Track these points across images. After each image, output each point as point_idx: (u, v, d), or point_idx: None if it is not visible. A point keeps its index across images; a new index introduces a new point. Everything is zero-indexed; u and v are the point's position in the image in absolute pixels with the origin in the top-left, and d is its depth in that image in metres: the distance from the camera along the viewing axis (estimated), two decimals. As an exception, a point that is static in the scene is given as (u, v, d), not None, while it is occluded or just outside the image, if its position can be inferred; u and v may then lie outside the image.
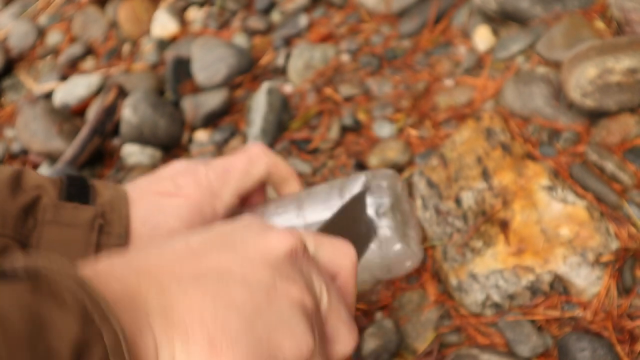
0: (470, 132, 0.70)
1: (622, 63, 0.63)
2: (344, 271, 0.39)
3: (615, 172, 0.62)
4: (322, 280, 0.36)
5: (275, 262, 0.33)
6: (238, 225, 0.36)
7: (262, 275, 0.32)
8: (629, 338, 0.53)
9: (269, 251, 0.34)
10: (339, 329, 0.36)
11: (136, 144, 0.89)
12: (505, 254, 0.59)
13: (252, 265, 0.32)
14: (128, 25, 1.19)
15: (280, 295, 0.32)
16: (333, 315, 0.36)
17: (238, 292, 0.31)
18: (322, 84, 0.90)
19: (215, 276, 0.31)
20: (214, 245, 0.33)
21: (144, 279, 0.30)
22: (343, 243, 0.39)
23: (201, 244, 0.33)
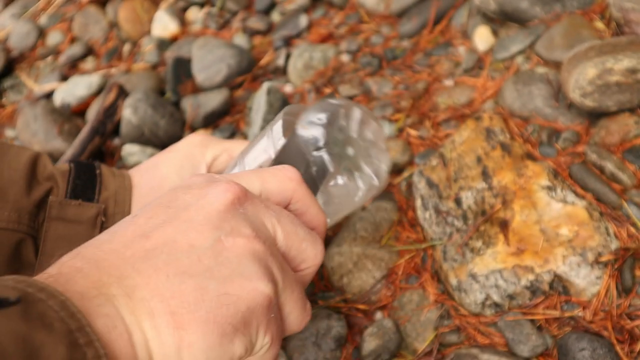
0: (469, 132, 0.70)
1: (621, 63, 0.63)
2: (293, 192, 0.41)
3: (615, 172, 0.62)
4: (273, 214, 0.38)
5: (217, 219, 0.35)
6: (180, 191, 0.38)
7: (206, 237, 0.34)
8: (628, 338, 0.53)
9: (210, 209, 0.35)
10: (302, 249, 0.39)
11: (136, 144, 0.89)
12: (505, 253, 0.59)
13: (196, 230, 0.34)
14: (128, 25, 1.19)
15: (228, 249, 0.34)
16: (292, 240, 0.38)
17: (186, 260, 0.33)
18: (322, 84, 0.91)
19: (163, 250, 0.33)
20: (159, 218, 0.35)
21: (104, 271, 0.32)
22: (283, 168, 0.41)
23: (147, 221, 0.35)
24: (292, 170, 0.41)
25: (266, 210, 0.38)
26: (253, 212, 0.37)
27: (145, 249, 0.33)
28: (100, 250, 0.33)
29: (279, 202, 0.41)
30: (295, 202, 0.41)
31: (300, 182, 0.41)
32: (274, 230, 0.38)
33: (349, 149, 0.54)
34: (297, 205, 0.41)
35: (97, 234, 0.52)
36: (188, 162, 0.58)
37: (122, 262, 0.32)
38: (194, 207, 0.35)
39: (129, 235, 0.34)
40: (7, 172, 0.52)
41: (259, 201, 0.38)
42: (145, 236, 0.34)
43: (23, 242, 0.51)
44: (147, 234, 0.34)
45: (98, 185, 0.55)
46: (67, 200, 0.53)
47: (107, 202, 0.54)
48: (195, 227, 0.34)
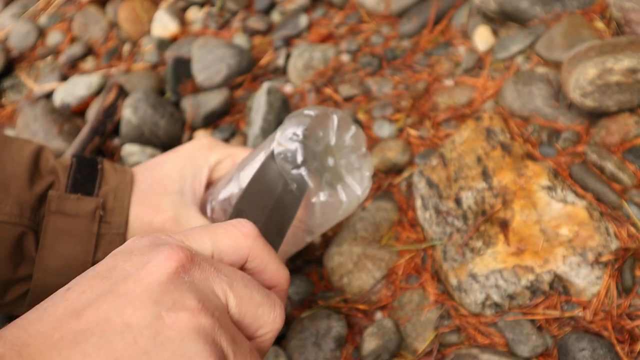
0: (470, 132, 0.70)
1: (621, 63, 0.63)
2: (249, 250, 0.38)
3: (615, 172, 0.62)
4: (224, 279, 0.35)
5: (158, 291, 0.31)
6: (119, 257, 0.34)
7: (143, 313, 0.31)
8: (628, 338, 0.53)
9: (150, 280, 0.32)
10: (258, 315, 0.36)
11: (136, 144, 0.89)
12: (505, 253, 0.59)
13: (133, 305, 0.31)
14: (128, 25, 1.19)
15: (169, 327, 0.31)
16: (246, 306, 0.35)
17: (120, 343, 0.30)
18: (322, 84, 0.91)
19: (94, 332, 0.30)
20: (93, 292, 0.32)
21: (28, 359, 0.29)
22: (238, 224, 0.38)
23: (79, 296, 0.32)
24: (247, 226, 0.38)
25: (216, 275, 0.35)
26: (201, 279, 0.34)
27: (75, 330, 0.30)
28: (26, 333, 0.30)
29: (234, 261, 0.38)
30: (252, 260, 0.38)
31: (256, 237, 0.38)
32: (225, 298, 0.35)
33: (329, 159, 0.53)
34: (255, 264, 0.39)
35: (96, 227, 0.53)
36: (191, 162, 0.59)
37: (49, 348, 0.29)
38: (133, 278, 0.32)
39: (58, 314, 0.31)
40: (9, 165, 0.52)
41: (207, 265, 0.35)
42: (76, 314, 0.31)
43: (24, 235, 0.51)
44: (79, 311, 0.31)
45: (98, 180, 0.55)
46: (66, 194, 0.53)
47: (107, 197, 0.54)
48: (132, 303, 0.31)
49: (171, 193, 0.56)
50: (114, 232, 0.54)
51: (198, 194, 0.58)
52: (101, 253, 0.54)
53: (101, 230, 0.54)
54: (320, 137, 0.52)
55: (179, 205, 0.55)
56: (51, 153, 0.56)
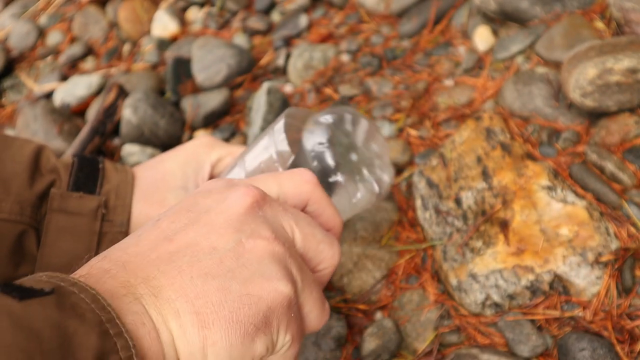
0: (470, 132, 0.70)
1: (621, 63, 0.63)
2: (309, 195, 0.42)
3: (615, 172, 0.62)
4: (291, 216, 0.39)
5: (237, 222, 0.36)
6: (199, 195, 0.39)
7: (227, 239, 0.35)
8: (628, 338, 0.53)
9: (230, 212, 0.36)
10: (319, 250, 0.40)
11: (136, 144, 0.89)
12: (505, 253, 0.59)
13: (217, 232, 0.35)
14: (128, 25, 1.19)
15: (249, 250, 0.35)
16: (309, 241, 0.39)
17: (208, 262, 0.34)
18: (322, 84, 0.91)
19: (186, 253, 0.34)
20: (181, 222, 0.36)
21: (131, 272, 0.33)
22: (299, 172, 0.42)
23: (169, 225, 0.36)
24: (308, 174, 0.42)
25: (284, 213, 0.39)
26: (272, 215, 0.38)
27: (169, 251, 0.34)
28: (126, 253, 0.34)
29: (296, 204, 0.42)
30: (312, 204, 0.42)
31: (316, 184, 0.42)
32: (292, 233, 0.39)
33: (352, 154, 0.54)
34: (314, 207, 0.42)
35: (98, 226, 0.53)
36: (193, 159, 0.59)
37: (148, 264, 0.33)
38: (215, 211, 0.36)
39: (152, 238, 0.35)
40: (10, 164, 0.52)
41: (277, 204, 0.39)
42: (168, 239, 0.35)
43: (25, 233, 0.52)
44: (170, 237, 0.35)
45: (100, 179, 0.55)
46: (68, 193, 0.53)
47: (109, 195, 0.55)
48: (216, 230, 0.35)
49: (175, 188, 0.56)
50: (116, 230, 0.55)
51: None
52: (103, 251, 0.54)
53: (103, 229, 0.54)
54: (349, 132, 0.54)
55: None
56: (52, 152, 0.56)
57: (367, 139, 0.56)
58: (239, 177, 0.55)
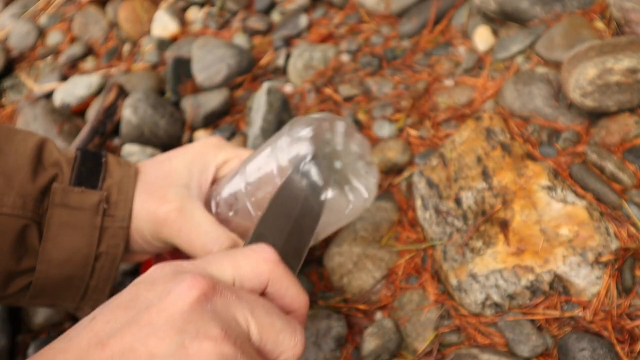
0: (470, 132, 0.70)
1: (621, 63, 0.63)
2: (269, 275, 0.38)
3: (615, 172, 0.62)
4: (245, 305, 0.35)
5: (181, 320, 0.32)
6: (142, 287, 0.35)
7: (167, 343, 0.31)
8: (628, 338, 0.53)
9: (173, 310, 0.32)
10: (279, 341, 0.36)
11: (136, 144, 0.89)
12: (505, 253, 0.59)
13: (156, 335, 0.31)
14: (128, 25, 1.19)
15: (193, 356, 0.31)
16: (267, 333, 0.36)
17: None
18: (322, 84, 0.91)
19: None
20: (117, 322, 0.32)
21: None
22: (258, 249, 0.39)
23: (104, 326, 0.32)
24: (267, 251, 0.39)
25: (238, 302, 0.35)
26: (223, 307, 0.34)
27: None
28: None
29: (254, 286, 0.38)
30: (272, 285, 0.39)
31: (277, 262, 0.39)
32: (247, 325, 0.35)
33: (336, 162, 0.54)
34: (275, 288, 0.39)
35: (99, 221, 0.53)
36: (199, 158, 0.59)
37: None
38: (156, 308, 0.32)
39: (84, 344, 0.32)
40: (13, 157, 0.52)
41: (229, 293, 0.35)
42: (101, 345, 0.31)
43: (27, 227, 0.52)
44: (103, 341, 0.31)
45: (102, 173, 0.55)
46: (70, 187, 0.53)
47: (111, 190, 0.55)
48: (155, 333, 0.31)
49: (177, 186, 0.56)
50: (118, 225, 0.55)
51: (204, 189, 0.59)
52: (104, 246, 0.54)
53: (105, 224, 0.54)
54: (329, 139, 0.53)
55: (185, 198, 0.56)
56: (55, 146, 0.56)
57: (346, 141, 0.55)
58: (239, 187, 0.55)
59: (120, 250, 0.55)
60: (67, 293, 0.55)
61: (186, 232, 0.53)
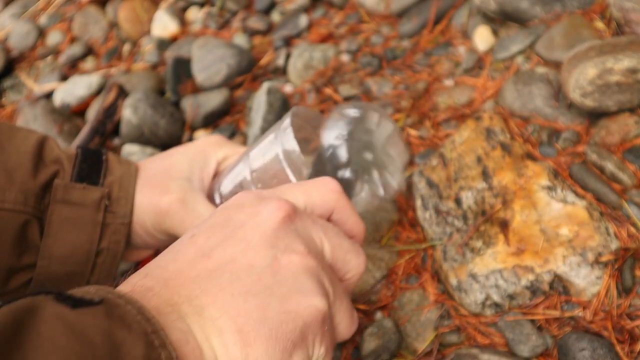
0: (470, 132, 0.70)
1: (621, 63, 0.63)
2: (335, 203, 0.43)
3: (615, 172, 0.62)
4: (320, 228, 0.40)
5: (272, 237, 0.37)
6: (232, 209, 0.39)
7: (263, 256, 0.36)
8: (628, 338, 0.53)
9: (264, 228, 0.37)
10: (347, 260, 0.41)
11: (136, 144, 0.89)
12: (505, 253, 0.59)
13: (254, 250, 0.36)
14: (128, 25, 1.19)
15: (284, 267, 0.36)
16: (337, 252, 0.40)
17: (247, 280, 0.35)
18: (322, 84, 0.91)
19: (225, 270, 0.35)
20: (216, 237, 0.37)
21: (174, 290, 0.34)
22: (325, 181, 0.43)
23: (206, 241, 0.37)
24: (333, 183, 0.43)
25: (313, 225, 0.40)
26: (302, 228, 0.39)
27: (208, 269, 0.35)
28: (167, 270, 0.36)
29: (322, 213, 0.42)
30: (337, 212, 0.43)
31: (341, 193, 0.43)
32: (321, 244, 0.39)
33: (368, 153, 0.55)
34: (339, 216, 0.43)
35: (101, 217, 0.54)
36: (201, 155, 0.60)
37: (189, 282, 0.34)
38: (249, 225, 0.37)
39: (191, 255, 0.36)
40: (15, 154, 0.53)
41: (306, 216, 0.40)
42: (206, 256, 0.36)
43: (29, 223, 0.52)
44: (208, 253, 0.36)
45: (103, 170, 0.56)
46: (72, 184, 0.54)
47: (112, 186, 0.55)
48: (252, 247, 0.36)
49: (179, 179, 0.57)
50: (119, 221, 0.55)
51: (206, 183, 0.59)
52: (105, 242, 0.55)
53: (106, 220, 0.54)
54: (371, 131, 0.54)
55: (186, 189, 0.56)
56: (55, 142, 0.57)
57: (387, 142, 0.57)
58: (243, 174, 0.56)
59: (121, 246, 0.55)
60: (68, 289, 0.56)
61: (189, 222, 0.54)
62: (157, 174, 0.57)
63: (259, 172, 0.54)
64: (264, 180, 0.54)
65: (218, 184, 0.59)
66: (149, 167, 0.59)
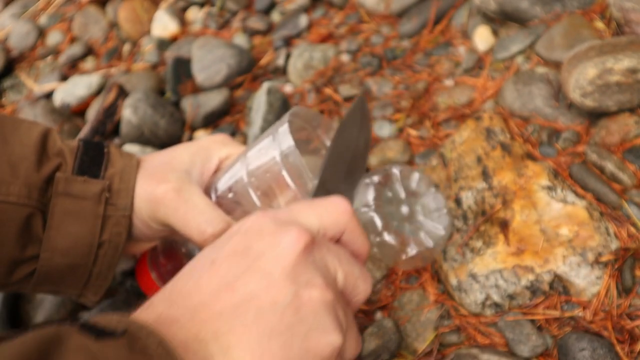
0: (470, 132, 0.70)
1: (621, 63, 0.63)
2: (346, 225, 0.43)
3: (615, 172, 0.62)
4: (334, 255, 0.40)
5: (293, 272, 0.37)
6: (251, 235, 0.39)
7: (286, 293, 0.36)
8: (628, 338, 0.53)
9: (285, 262, 0.37)
10: (357, 285, 0.42)
11: (136, 144, 0.89)
12: (505, 253, 0.59)
13: (276, 286, 0.36)
14: (128, 25, 1.19)
15: (305, 304, 0.36)
16: (349, 279, 0.41)
17: (271, 318, 0.35)
18: (322, 84, 0.91)
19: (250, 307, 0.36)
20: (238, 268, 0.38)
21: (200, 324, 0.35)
22: (336, 202, 0.43)
23: (228, 271, 0.38)
24: (343, 204, 0.43)
25: (328, 253, 0.40)
26: (319, 257, 0.39)
27: (232, 303, 0.36)
28: (191, 300, 0.36)
29: (334, 235, 0.43)
30: (348, 233, 0.44)
31: (352, 214, 0.44)
32: (335, 272, 0.40)
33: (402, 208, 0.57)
34: (349, 237, 0.44)
35: (102, 209, 0.54)
36: (204, 150, 0.60)
37: (215, 317, 0.35)
38: (270, 257, 0.38)
39: (214, 286, 0.37)
40: (18, 147, 0.53)
41: (322, 245, 0.40)
42: (230, 289, 0.37)
43: (32, 216, 0.53)
44: (232, 285, 0.37)
45: (105, 162, 0.56)
46: (73, 177, 0.54)
47: (113, 179, 0.55)
48: (275, 283, 0.37)
49: (179, 171, 0.57)
50: (120, 213, 0.55)
51: (205, 177, 0.59)
52: (107, 234, 0.55)
53: (107, 212, 0.55)
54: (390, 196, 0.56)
55: (184, 180, 0.56)
56: (58, 135, 0.57)
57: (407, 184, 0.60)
58: (239, 174, 0.56)
59: (122, 238, 0.56)
60: (70, 280, 0.56)
61: (182, 212, 0.54)
62: (158, 166, 0.58)
63: (256, 173, 0.54)
64: (261, 181, 0.54)
65: (216, 180, 0.59)
66: (150, 160, 0.59)
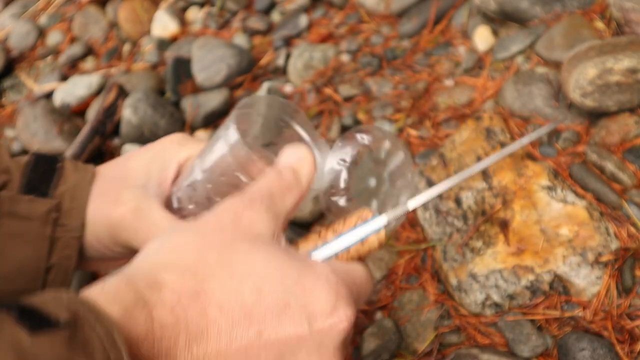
0: (469, 132, 0.70)
1: (621, 63, 0.63)
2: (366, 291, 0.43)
3: (615, 172, 0.62)
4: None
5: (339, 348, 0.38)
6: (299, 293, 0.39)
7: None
8: (628, 338, 0.53)
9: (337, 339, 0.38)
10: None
11: (136, 144, 0.89)
12: (505, 253, 0.59)
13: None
14: (128, 25, 1.19)
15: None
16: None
17: None
18: (322, 84, 0.91)
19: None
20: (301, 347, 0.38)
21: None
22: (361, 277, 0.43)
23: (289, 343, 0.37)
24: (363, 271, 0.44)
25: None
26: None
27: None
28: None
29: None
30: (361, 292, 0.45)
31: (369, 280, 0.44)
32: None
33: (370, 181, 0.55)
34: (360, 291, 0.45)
35: (49, 230, 0.50)
36: (160, 156, 0.56)
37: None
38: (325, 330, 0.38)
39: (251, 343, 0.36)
40: None
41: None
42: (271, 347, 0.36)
43: None
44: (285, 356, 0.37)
45: (55, 180, 0.52)
46: (18, 196, 0.50)
47: (63, 197, 0.52)
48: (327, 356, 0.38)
49: (133, 187, 0.53)
50: (70, 235, 0.52)
51: (164, 187, 0.55)
52: (56, 257, 0.52)
53: (56, 234, 0.51)
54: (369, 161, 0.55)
55: (141, 198, 0.52)
56: (6, 151, 0.53)
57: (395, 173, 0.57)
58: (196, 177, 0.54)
59: (72, 261, 0.52)
60: None
61: (143, 232, 0.50)
62: (112, 182, 0.54)
63: (208, 172, 0.52)
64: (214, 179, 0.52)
65: (176, 187, 0.57)
66: (105, 174, 0.55)
